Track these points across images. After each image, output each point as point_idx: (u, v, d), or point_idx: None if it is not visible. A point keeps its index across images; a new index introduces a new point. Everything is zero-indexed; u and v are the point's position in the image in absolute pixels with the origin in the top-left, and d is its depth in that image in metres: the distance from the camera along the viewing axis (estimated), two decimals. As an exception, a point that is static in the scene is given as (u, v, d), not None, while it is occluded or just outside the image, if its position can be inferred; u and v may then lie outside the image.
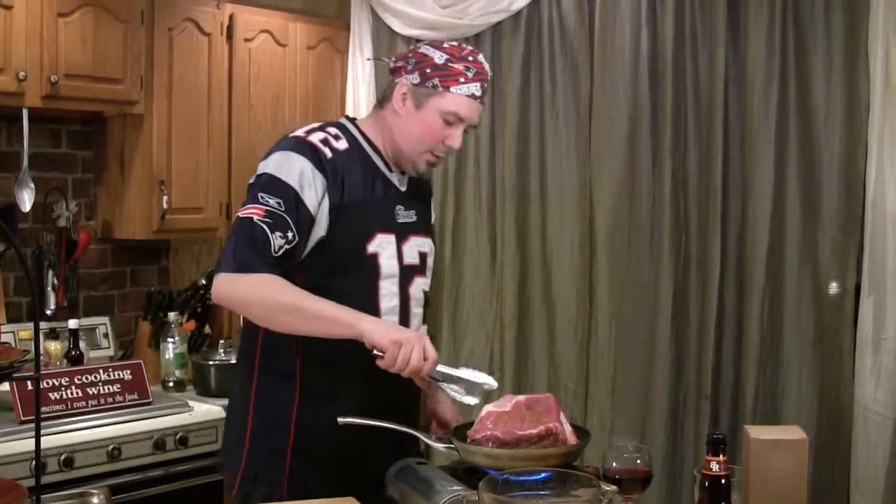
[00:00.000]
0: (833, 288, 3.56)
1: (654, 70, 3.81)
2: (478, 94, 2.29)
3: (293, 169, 2.20)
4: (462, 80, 2.26)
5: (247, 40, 3.89)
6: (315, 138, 2.27)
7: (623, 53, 3.84)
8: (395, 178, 2.37)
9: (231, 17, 3.83)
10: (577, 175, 3.97)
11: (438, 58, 2.26)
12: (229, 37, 3.84)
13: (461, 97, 2.27)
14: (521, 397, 2.23)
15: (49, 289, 3.67)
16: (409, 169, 2.36)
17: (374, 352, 2.07)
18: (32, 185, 3.47)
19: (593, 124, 3.94)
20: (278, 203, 2.17)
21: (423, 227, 2.42)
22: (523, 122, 4.02)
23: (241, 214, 2.19)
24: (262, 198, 2.18)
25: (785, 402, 3.58)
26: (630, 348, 3.87)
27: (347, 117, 2.44)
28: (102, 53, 3.45)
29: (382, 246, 2.30)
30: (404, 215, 2.36)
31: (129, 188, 3.74)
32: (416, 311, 2.38)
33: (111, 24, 3.47)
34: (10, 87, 3.22)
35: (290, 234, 2.17)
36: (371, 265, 2.29)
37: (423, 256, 2.40)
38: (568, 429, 2.19)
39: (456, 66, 2.26)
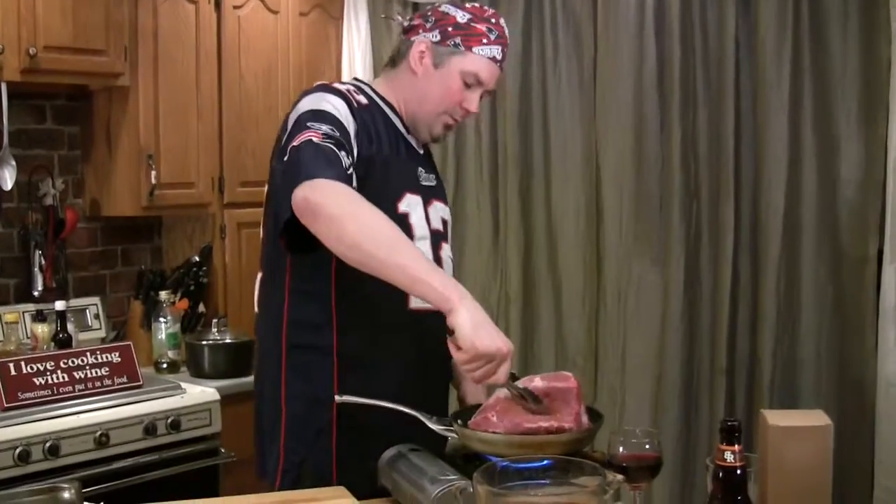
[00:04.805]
0: None
1: (660, 28, 3.64)
2: (498, 57, 2.18)
3: (332, 103, 2.04)
4: (485, 41, 2.15)
5: (236, 7, 3.75)
6: (342, 87, 2.13)
7: (627, 11, 3.68)
8: (412, 140, 2.24)
9: (219, -16, 3.68)
10: (581, 140, 3.82)
11: (461, 17, 2.15)
12: (217, 4, 3.70)
13: (483, 59, 2.15)
14: (541, 383, 2.05)
15: (36, 269, 3.55)
16: (425, 133, 2.22)
17: (452, 335, 1.83)
18: (14, 163, 3.34)
19: (598, 87, 3.79)
20: (331, 129, 1.96)
21: (442, 193, 2.30)
22: (525, 86, 3.87)
23: (295, 143, 1.92)
24: (311, 125, 1.96)
25: (803, 376, 3.42)
26: (640, 321, 3.73)
27: (356, 79, 2.30)
28: (83, 24, 3.30)
29: (412, 206, 2.15)
30: (426, 178, 2.23)
31: (116, 164, 3.62)
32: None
33: (92, -7, 3.33)
34: (-15, 62, 3.10)
35: (351, 158, 1.97)
36: (403, 224, 2.09)
37: (445, 223, 2.26)
38: (584, 419, 2.04)
39: (479, 26, 2.15)
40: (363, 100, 2.15)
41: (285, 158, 1.95)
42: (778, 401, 3.42)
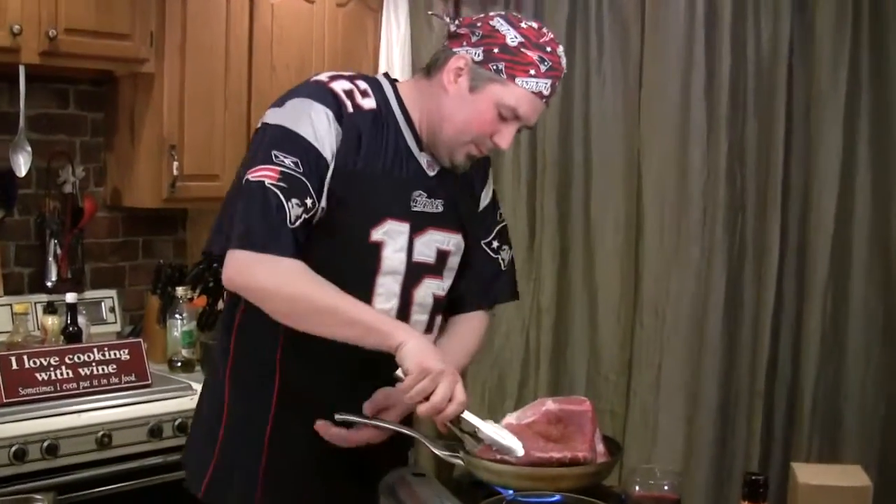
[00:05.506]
0: None
1: (710, 31, 3.44)
2: (546, 92, 1.92)
3: (312, 120, 1.88)
4: (532, 72, 1.89)
5: (270, -5, 3.62)
6: (338, 87, 1.94)
7: (677, 12, 3.48)
8: (423, 159, 2.01)
9: (252, -30, 3.54)
10: (623, 147, 3.62)
11: (511, 38, 1.89)
12: (250, -8, 3.57)
13: (525, 92, 1.90)
14: (554, 405, 1.89)
15: (51, 259, 3.44)
16: (444, 158, 1.99)
17: (398, 372, 1.78)
18: (29, 149, 3.23)
19: (643, 91, 3.59)
20: (295, 163, 1.84)
21: (451, 221, 2.06)
22: (567, 88, 3.68)
23: (251, 177, 1.84)
24: (275, 156, 1.85)
25: (848, 406, 3.20)
26: (678, 338, 3.53)
27: (387, 75, 2.08)
28: (107, 6, 3.19)
29: (391, 235, 1.96)
30: (425, 203, 2.01)
31: (138, 153, 3.51)
32: (419, 318, 2.05)
33: (117, -26, 3.20)
34: (3, 43, 2.99)
35: (308, 201, 1.85)
36: (372, 256, 1.95)
37: (442, 255, 2.05)
38: (600, 448, 1.88)
39: (529, 53, 1.89)
40: (368, 104, 1.96)
41: (236, 182, 1.91)
42: (819, 431, 3.22)
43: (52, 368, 2.90)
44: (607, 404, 3.62)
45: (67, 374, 2.92)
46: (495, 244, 2.20)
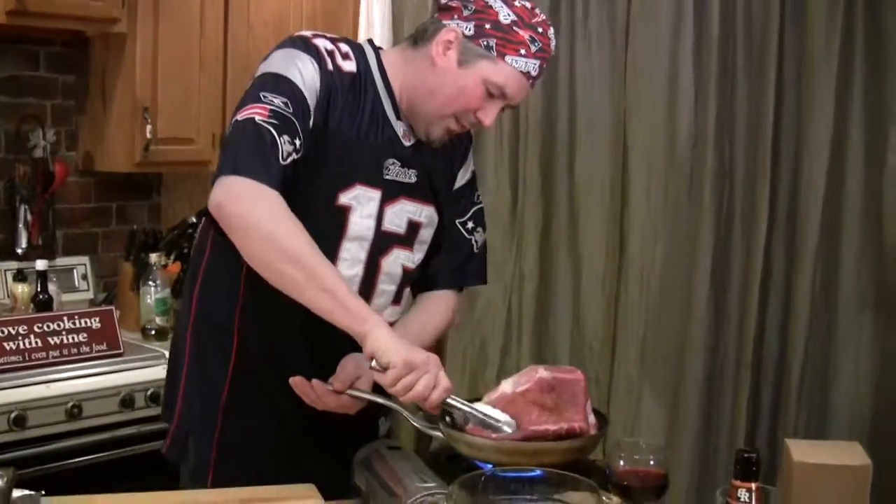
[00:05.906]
0: None
1: (700, -8, 3.35)
2: (533, 73, 1.90)
3: (299, 67, 1.85)
4: (522, 51, 1.86)
5: (246, -48, 3.52)
6: (321, 44, 1.90)
7: (665, -28, 3.39)
8: (400, 128, 1.97)
9: (227, -76, 3.44)
10: (609, 111, 3.53)
11: (504, 15, 1.87)
12: (226, -53, 3.46)
13: (514, 71, 1.88)
14: (546, 373, 1.82)
15: (21, 225, 3.35)
16: (421, 130, 1.96)
17: (373, 363, 1.70)
18: (-6, 112, 3.15)
19: (630, 54, 3.48)
20: (284, 103, 1.79)
21: (424, 192, 2.02)
22: (551, 51, 3.58)
23: (239, 117, 1.79)
24: (264, 97, 1.80)
25: (837, 378, 3.14)
26: (663, 307, 3.46)
27: (371, 42, 2.04)
28: (77, -37, 3.09)
29: (360, 201, 1.92)
30: (397, 172, 1.97)
31: (110, 116, 3.42)
32: (386, 287, 2.00)
33: (85, -70, 3.09)
34: (-32, 2, 2.89)
35: (297, 142, 1.79)
36: (338, 220, 1.91)
37: (413, 226, 2.02)
38: (592, 419, 1.81)
39: (521, 32, 1.87)
40: (348, 66, 1.91)
41: (229, 131, 1.84)
42: (807, 404, 3.16)
43: (20, 337, 2.83)
44: (591, 372, 3.55)
45: (36, 343, 2.85)
46: (470, 225, 2.16)
